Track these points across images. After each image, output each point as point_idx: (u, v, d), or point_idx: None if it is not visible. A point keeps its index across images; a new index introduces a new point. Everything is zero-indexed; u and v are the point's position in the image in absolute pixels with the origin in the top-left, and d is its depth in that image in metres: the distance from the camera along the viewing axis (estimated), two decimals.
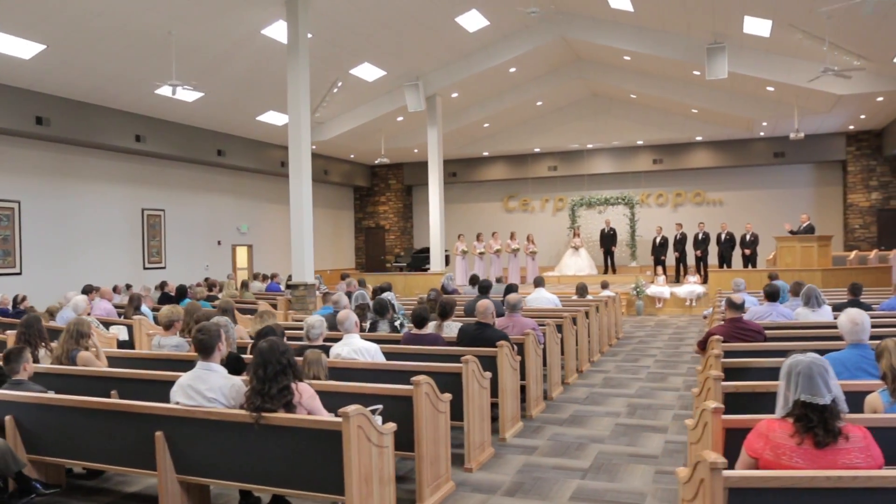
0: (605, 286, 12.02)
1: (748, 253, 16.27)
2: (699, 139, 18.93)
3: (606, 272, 18.61)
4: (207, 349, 3.75)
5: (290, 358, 3.58)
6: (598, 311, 9.58)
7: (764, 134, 18.08)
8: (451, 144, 19.66)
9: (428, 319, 5.99)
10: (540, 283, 9.56)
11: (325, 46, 13.02)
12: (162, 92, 12.94)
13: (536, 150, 20.58)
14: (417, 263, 19.22)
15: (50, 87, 11.89)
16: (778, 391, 2.75)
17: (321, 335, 5.35)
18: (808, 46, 12.36)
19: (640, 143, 19.54)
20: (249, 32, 12.02)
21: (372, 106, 16.92)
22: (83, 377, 5.10)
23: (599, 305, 9.77)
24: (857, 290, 7.97)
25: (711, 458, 2.46)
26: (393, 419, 3.96)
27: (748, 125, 17.22)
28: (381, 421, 3.84)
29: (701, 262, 16.79)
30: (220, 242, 17.10)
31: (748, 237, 16.34)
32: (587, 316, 8.91)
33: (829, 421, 2.56)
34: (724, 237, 16.71)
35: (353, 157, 21.11)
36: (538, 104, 18.97)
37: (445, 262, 18.19)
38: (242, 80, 13.66)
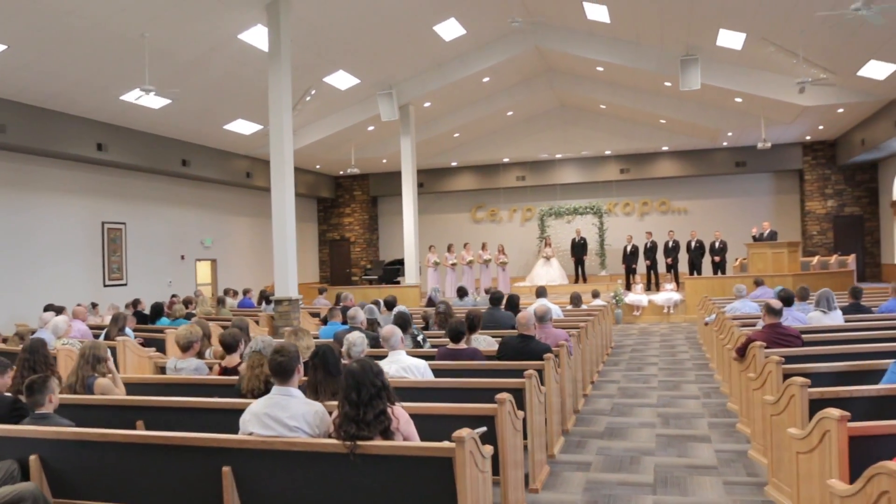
0: (595, 295, 12.01)
1: (718, 260, 16.67)
2: (665, 149, 19.33)
3: (577, 282, 18.68)
4: (287, 372, 3.38)
5: (384, 379, 3.27)
6: (599, 321, 9.52)
7: (727, 144, 18.61)
8: (419, 154, 19.37)
9: (464, 333, 5.73)
10: (542, 293, 9.41)
11: (300, 53, 12.61)
12: (128, 98, 12.28)
13: (505, 160, 20.60)
14: (389, 276, 18.83)
15: (7, 91, 11.05)
16: None
17: (362, 353, 5.01)
18: (777, 59, 12.77)
19: (607, 152, 19.81)
20: (226, 37, 11.51)
21: (343, 115, 16.55)
22: (103, 407, 4.61)
23: (598, 315, 9.71)
24: (857, 293, 8.17)
25: None
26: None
27: (714, 135, 17.69)
28: None
29: (672, 269, 17.07)
30: (183, 257, 16.30)
31: (717, 244, 16.75)
32: (593, 326, 8.83)
33: None
34: (693, 245, 17.06)
35: (318, 167, 20.60)
36: (509, 114, 18.99)
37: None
38: (214, 86, 13.08)
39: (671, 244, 17.26)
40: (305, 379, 4.02)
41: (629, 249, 17.81)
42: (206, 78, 12.59)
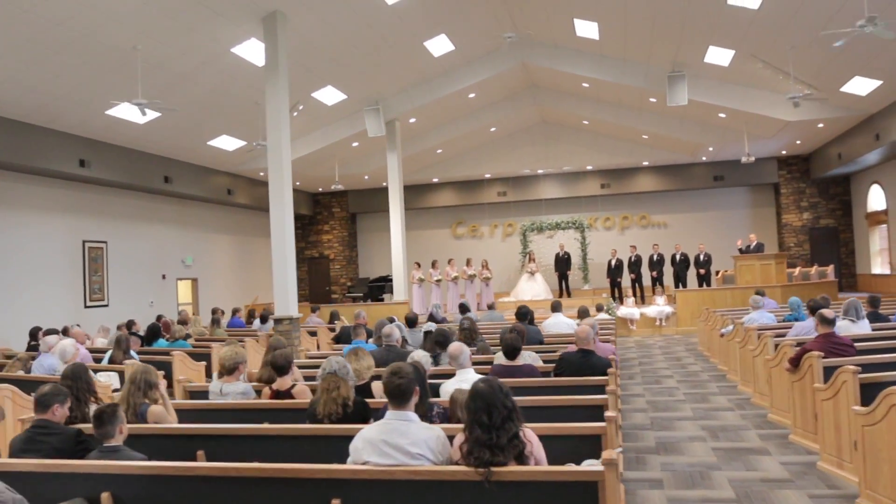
0: (600, 309, 11.98)
1: (702, 272, 16.92)
2: (645, 164, 19.63)
3: (561, 296, 18.68)
4: (405, 395, 3.15)
5: (513, 401, 3.08)
6: (615, 335, 9.48)
7: (706, 158, 19.01)
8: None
9: (520, 350, 5.55)
10: (557, 307, 9.32)
11: (291, 68, 12.34)
12: (114, 113, 11.79)
13: (487, 175, 20.59)
14: (374, 293, 18.51)
15: None
16: None
17: (427, 373, 4.80)
18: (763, 75, 13.12)
19: (589, 168, 20.00)
20: (219, 50, 11.17)
21: (328, 131, 16.28)
22: (160, 437, 4.27)
23: (614, 329, 9.67)
24: (876, 302, 8.32)
25: None
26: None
27: (695, 150, 18.04)
28: None
29: (657, 282, 17.24)
30: (164, 276, 15.68)
31: (702, 257, 17.01)
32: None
33: None
34: (678, 258, 17.29)
35: (298, 184, 20.19)
36: (491, 130, 19.01)
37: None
38: (202, 100, 12.68)
39: (656, 257, 17.44)
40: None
41: (613, 263, 17.95)
42: (194, 92, 12.20)
